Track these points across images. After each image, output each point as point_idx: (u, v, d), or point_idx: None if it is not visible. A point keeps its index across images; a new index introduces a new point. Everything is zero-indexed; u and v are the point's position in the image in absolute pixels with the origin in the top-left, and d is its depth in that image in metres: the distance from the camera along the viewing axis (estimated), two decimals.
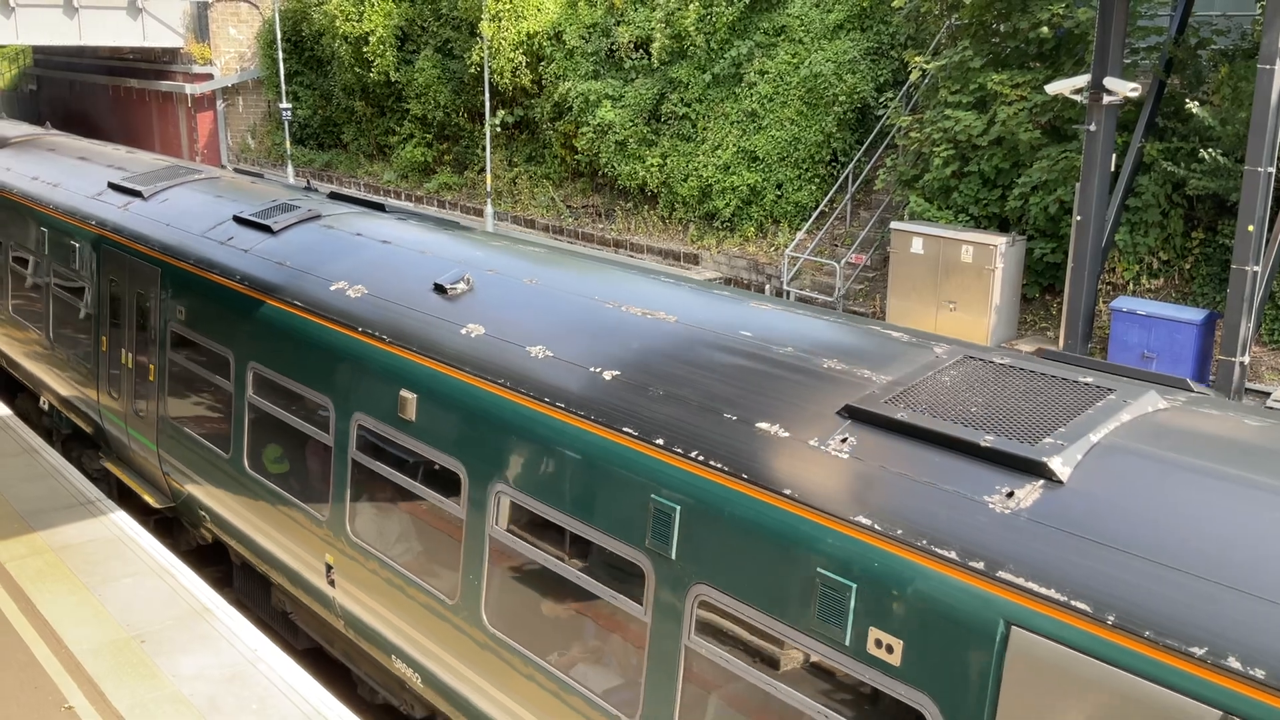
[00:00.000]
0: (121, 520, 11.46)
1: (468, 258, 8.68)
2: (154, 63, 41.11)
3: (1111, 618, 4.22)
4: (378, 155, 35.49)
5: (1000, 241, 17.88)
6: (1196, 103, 16.44)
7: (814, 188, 23.49)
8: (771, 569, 5.24)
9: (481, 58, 29.07)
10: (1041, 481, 4.80)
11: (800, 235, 22.68)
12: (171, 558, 10.68)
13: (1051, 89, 16.41)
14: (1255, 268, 14.68)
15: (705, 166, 24.72)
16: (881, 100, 22.58)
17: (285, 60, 35.80)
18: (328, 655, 9.73)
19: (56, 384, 13.66)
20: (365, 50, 33.05)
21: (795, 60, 23.97)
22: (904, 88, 22.12)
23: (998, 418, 5.19)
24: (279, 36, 35.42)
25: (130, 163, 14.46)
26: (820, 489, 5.22)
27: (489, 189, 29.23)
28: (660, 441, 5.92)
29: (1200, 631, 4.02)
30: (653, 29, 25.91)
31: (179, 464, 10.91)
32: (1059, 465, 4.81)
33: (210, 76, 39.05)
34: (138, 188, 12.58)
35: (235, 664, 8.53)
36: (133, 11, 38.03)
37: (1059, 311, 17.61)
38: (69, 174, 14.16)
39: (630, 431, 6.07)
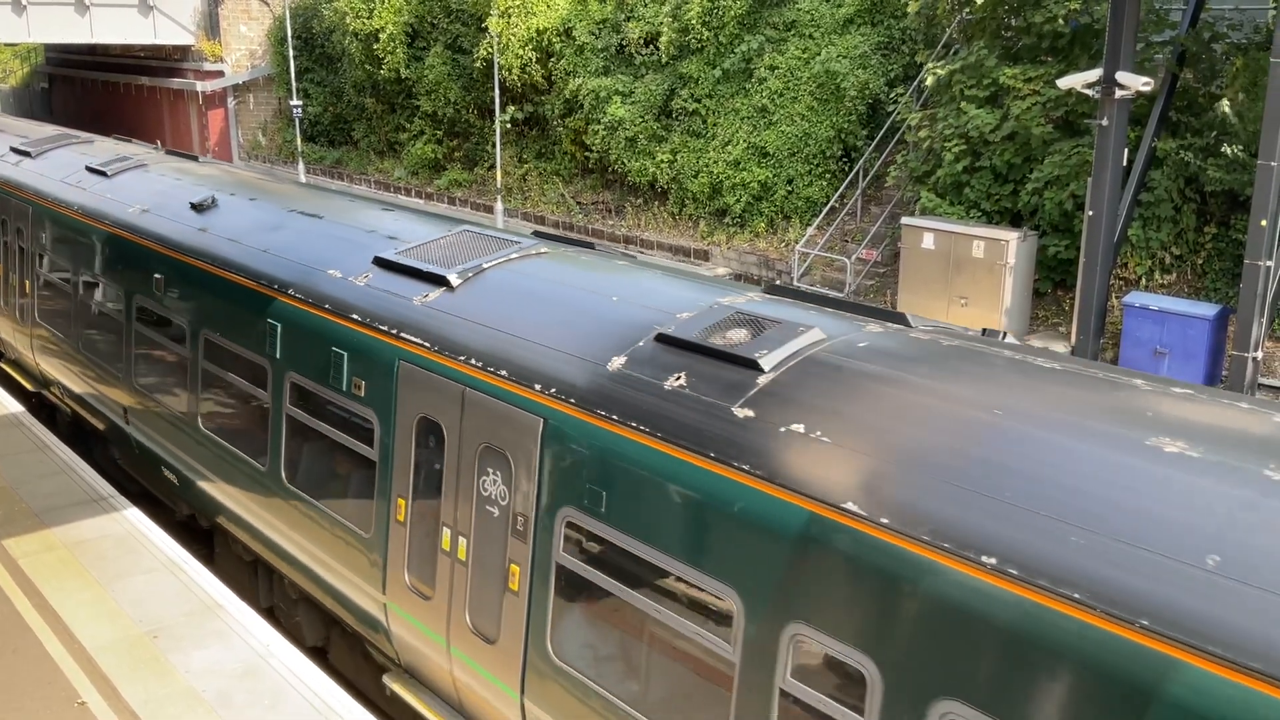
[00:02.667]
0: (134, 516, 11.48)
1: (221, 184, 12.14)
2: (165, 60, 41.28)
3: (437, 347, 7.52)
4: (388, 152, 35.54)
5: (1012, 237, 17.81)
6: (1225, 100, 16.26)
7: (825, 183, 23.45)
8: (321, 353, 8.63)
9: (490, 54, 29.06)
10: (442, 289, 8.06)
11: (811, 231, 22.63)
12: (184, 553, 10.67)
13: (1064, 83, 16.33)
14: (1268, 263, 14.63)
15: (716, 162, 24.68)
16: (893, 95, 22.51)
17: (296, 57, 35.86)
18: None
19: None
20: (375, 47, 33.09)
21: (806, 55, 23.92)
22: (915, 82, 22.03)
23: (449, 261, 8.40)
24: (289, 33, 35.46)
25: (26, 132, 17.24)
26: (349, 305, 8.54)
27: (499, 185, 29.24)
28: (276, 286, 9.32)
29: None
30: (661, 24, 25.85)
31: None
32: (454, 278, 8.07)
33: (221, 74, 39.23)
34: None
35: (247, 659, 8.54)
36: (144, 9, 38.24)
37: (1071, 307, 17.52)
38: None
39: (257, 279, 9.59)
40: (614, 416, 6.15)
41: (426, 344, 7.66)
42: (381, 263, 8.72)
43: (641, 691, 5.90)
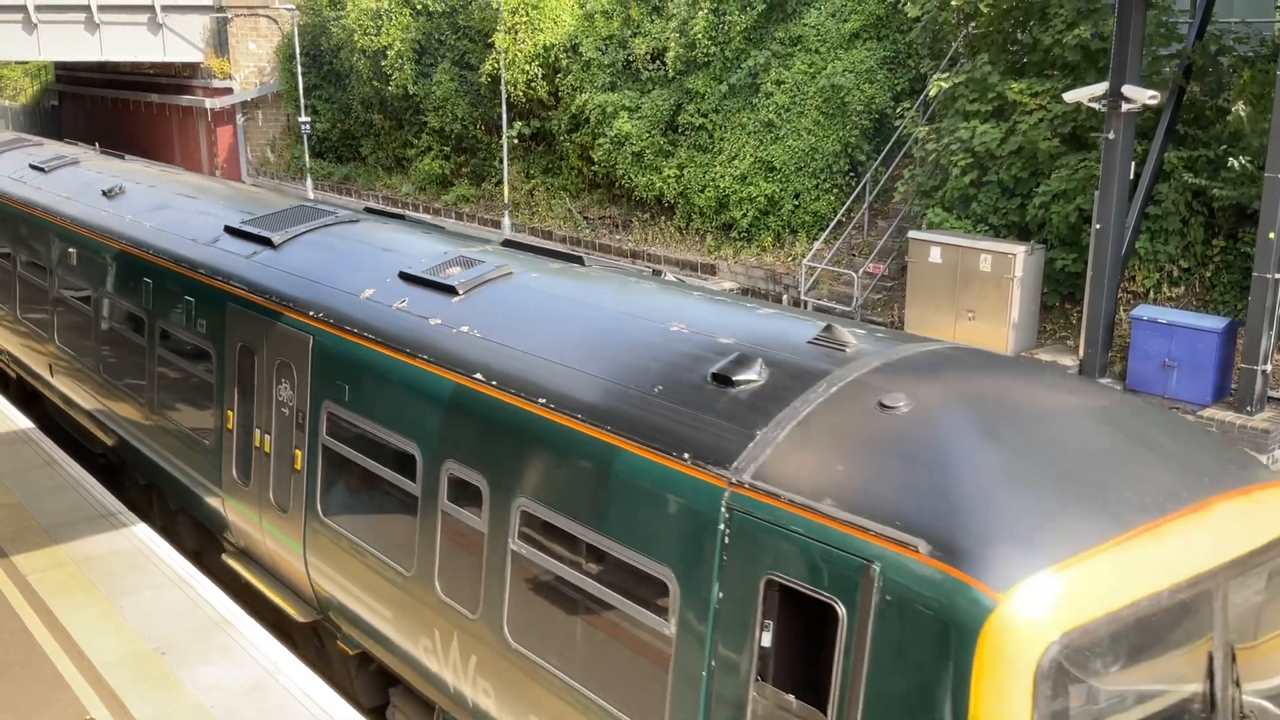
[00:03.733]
0: (143, 533, 11.50)
1: (132, 177, 14.20)
2: (174, 77, 41.59)
3: (254, 290, 9.72)
4: (396, 168, 35.69)
5: (1019, 250, 17.81)
6: (1242, 105, 16.24)
7: (832, 198, 23.48)
8: (180, 303, 10.85)
9: (497, 70, 29.17)
10: (267, 248, 10.20)
11: (818, 245, 22.64)
12: (191, 569, 10.70)
13: (1070, 97, 16.37)
14: (1277, 275, 14.63)
15: (722, 177, 24.73)
16: (899, 110, 22.55)
17: (304, 74, 36.13)
18: None
19: None
20: (383, 64, 33.28)
21: (812, 70, 23.98)
22: (921, 96, 22.06)
23: (279, 227, 10.54)
24: (298, 51, 35.74)
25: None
26: (196, 262, 10.90)
27: (506, 201, 29.33)
28: (151, 252, 11.58)
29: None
30: (667, 39, 25.94)
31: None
32: (277, 239, 10.21)
33: (230, 91, 39.45)
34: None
35: (255, 675, 8.53)
36: (153, 27, 38.53)
37: (1079, 320, 17.52)
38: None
39: (140, 248, 11.81)
40: (356, 330, 8.51)
41: (246, 288, 9.90)
42: (229, 229, 11.02)
43: (374, 534, 8.21)
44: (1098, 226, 16.43)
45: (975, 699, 4.49)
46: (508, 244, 9.90)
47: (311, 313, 9.05)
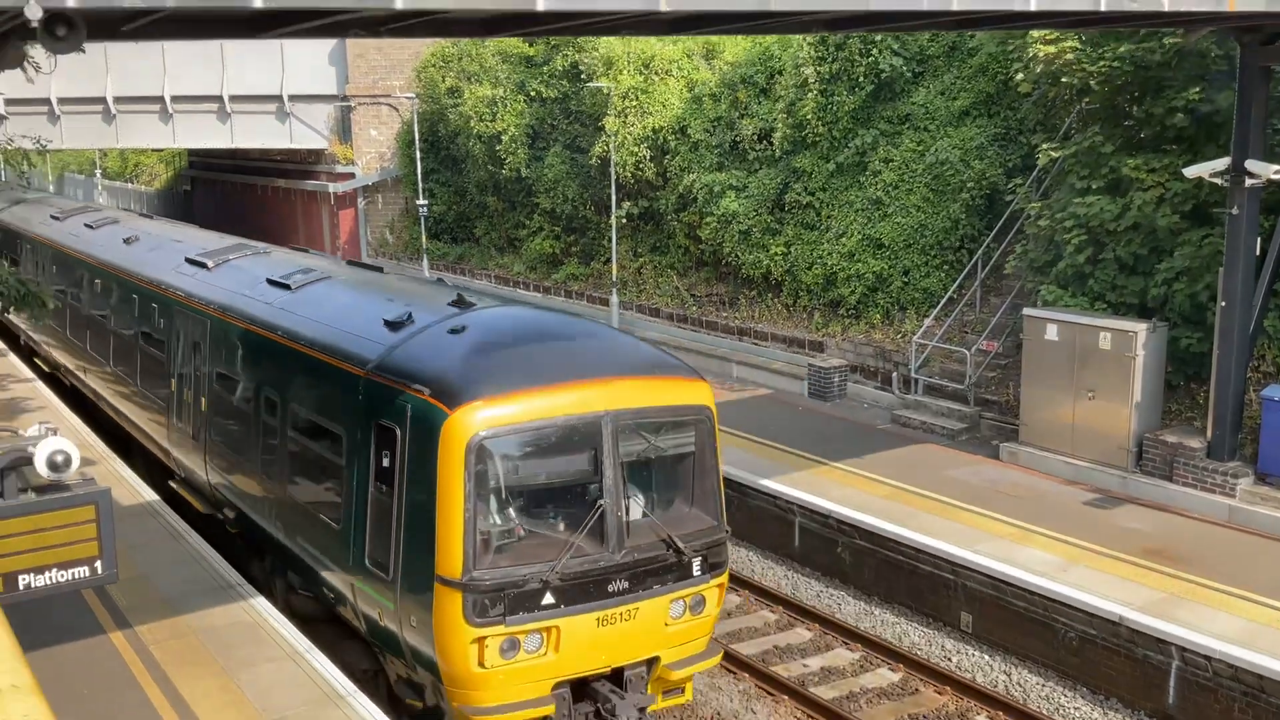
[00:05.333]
0: (261, 605, 11.71)
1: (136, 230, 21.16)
2: (300, 163, 43.26)
3: (191, 296, 15.59)
4: (508, 247, 36.38)
5: (1140, 328, 17.21)
6: None
7: (942, 274, 23.13)
8: (153, 313, 16.92)
9: (606, 152, 29.66)
10: (203, 269, 16.39)
11: (928, 322, 22.25)
12: (307, 643, 10.84)
13: (1190, 173, 15.92)
14: None
15: (830, 254, 24.61)
16: (1011, 185, 22.19)
17: (422, 159, 37.18)
18: None
19: None
20: (498, 148, 34.14)
21: (920, 147, 23.84)
22: (1034, 173, 21.69)
23: (216, 259, 16.43)
24: (417, 137, 36.89)
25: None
26: (167, 284, 16.79)
27: (614, 279, 29.57)
28: (150, 283, 17.24)
29: None
30: (775, 120, 26.11)
31: None
32: (210, 264, 16.24)
33: (352, 175, 40.81)
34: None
35: None
36: (281, 116, 40.32)
37: (1206, 400, 16.83)
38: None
39: (134, 276, 18.07)
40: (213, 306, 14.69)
41: (184, 294, 15.60)
42: (188, 260, 16.72)
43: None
44: (1223, 304, 15.89)
45: (441, 463, 9.36)
46: (350, 263, 16.50)
47: (206, 305, 15.27)
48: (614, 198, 29.53)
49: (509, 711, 9.43)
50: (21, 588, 5.25)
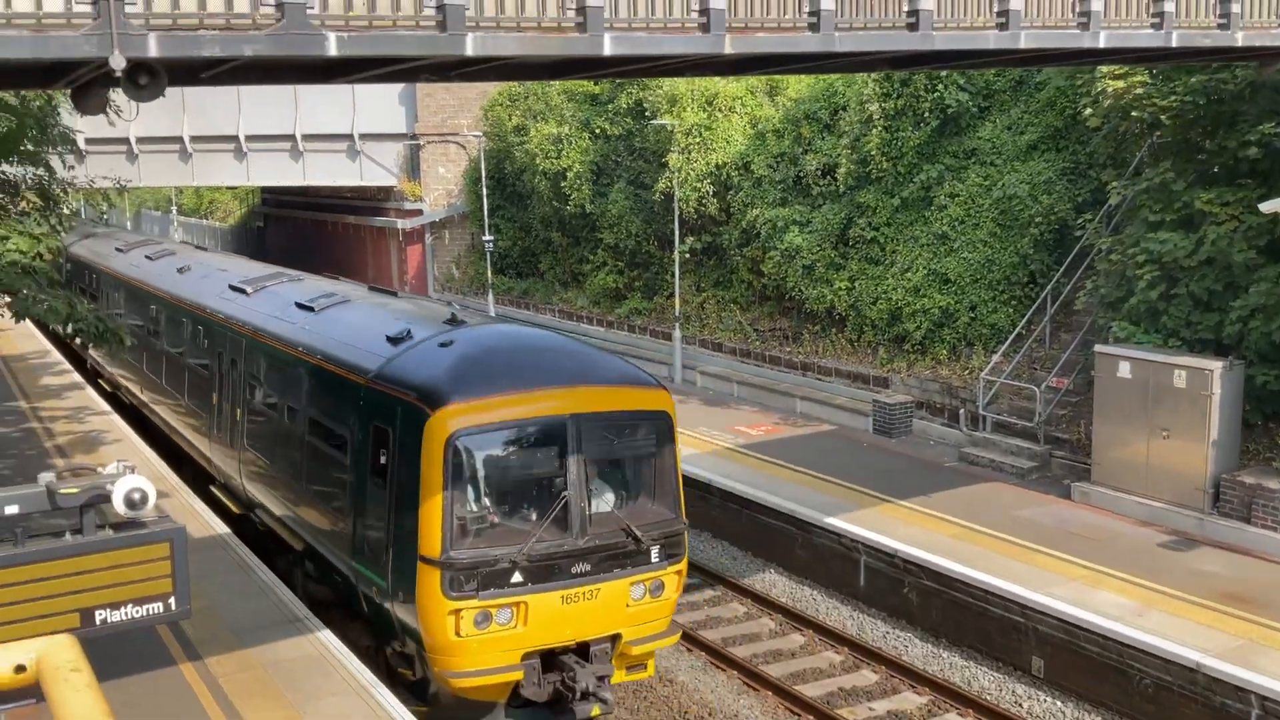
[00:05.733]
0: (327, 639, 11.79)
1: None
2: (370, 200, 43.94)
3: (233, 319, 17.83)
4: (572, 282, 36.59)
5: (1216, 366, 16.78)
6: None
7: (1010, 310, 22.79)
8: (201, 336, 19.10)
9: (670, 188, 29.77)
10: (243, 295, 18.57)
11: (996, 358, 21.89)
12: (371, 677, 10.92)
13: (1266, 208, 15.55)
14: None
15: (895, 289, 24.38)
16: (1080, 220, 21.83)
17: (489, 195, 37.59)
18: None
19: None
20: (563, 184, 34.41)
21: (987, 182, 23.58)
22: (1104, 207, 21.33)
23: (255, 283, 18.68)
24: (483, 174, 37.33)
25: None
26: (210, 308, 19.17)
27: (677, 313, 29.59)
28: (199, 307, 19.37)
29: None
30: (839, 155, 26.03)
31: None
32: (250, 290, 18.39)
33: (420, 212, 41.30)
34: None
35: None
36: (352, 154, 41.12)
37: None
38: None
39: (182, 300, 20.71)
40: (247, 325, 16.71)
41: (225, 317, 17.58)
42: (231, 287, 18.67)
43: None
44: None
45: (423, 457, 11.02)
46: (371, 289, 18.09)
47: (239, 326, 17.59)
48: (677, 232, 29.61)
49: (482, 676, 11.05)
50: (98, 623, 5.35)
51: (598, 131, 33.95)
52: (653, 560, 11.77)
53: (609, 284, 33.89)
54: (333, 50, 7.54)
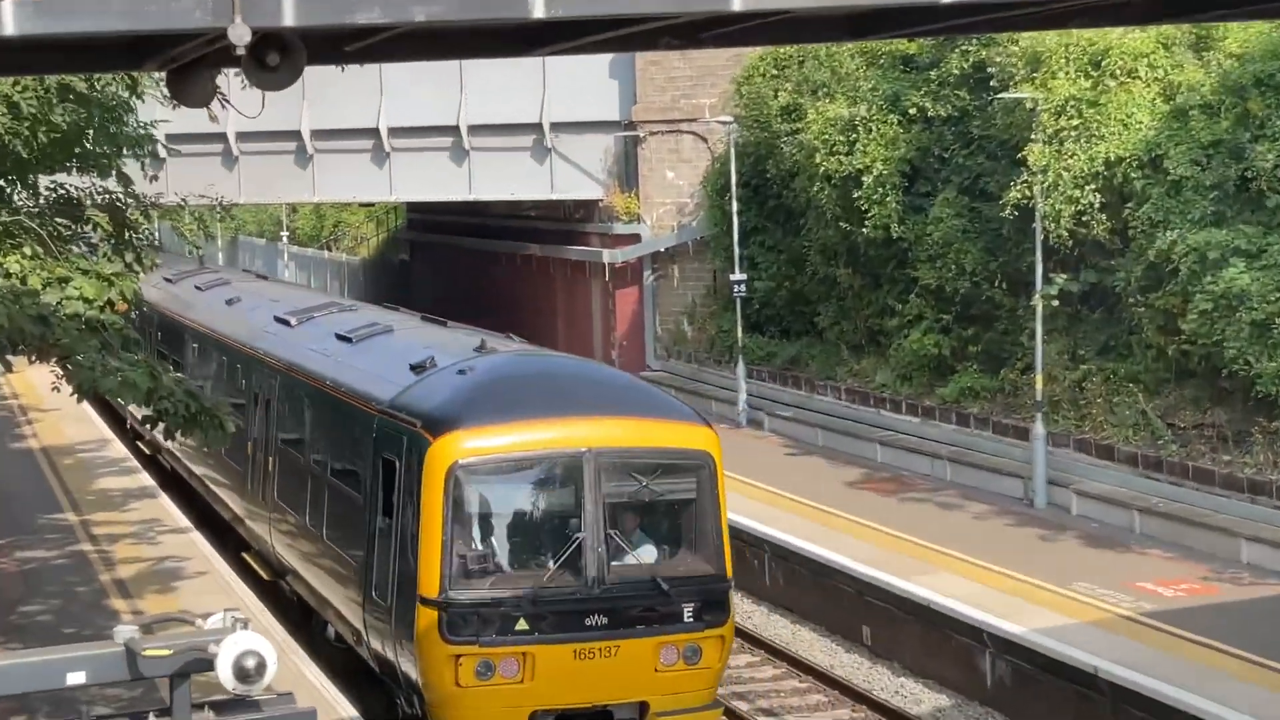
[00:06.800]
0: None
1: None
2: (563, 221, 45.46)
3: (271, 353, 24.36)
4: (867, 345, 36.42)
5: None
6: None
7: None
8: (238, 374, 26.33)
9: (1028, 198, 29.00)
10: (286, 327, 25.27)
11: None
12: None
13: None
14: None
15: None
16: None
17: (741, 213, 37.64)
18: None
19: None
20: (856, 195, 34.21)
21: None
22: None
23: (298, 314, 24.84)
24: (734, 180, 37.54)
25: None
26: (253, 345, 25.92)
27: (1039, 397, 28.81)
28: (246, 345, 25.77)
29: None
30: None
31: None
32: (294, 321, 24.33)
33: (637, 238, 42.06)
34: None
35: None
36: (539, 153, 42.43)
37: None
38: None
39: (226, 337, 27.81)
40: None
41: (263, 353, 23.20)
42: (276, 318, 23.84)
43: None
44: None
45: (424, 488, 15.00)
46: (425, 319, 23.11)
47: (275, 361, 23.07)
48: (1039, 268, 28.87)
49: None
50: None
51: (912, 112, 33.70)
52: (685, 620, 14.93)
53: (927, 348, 33.41)
54: (539, 10, 7.41)
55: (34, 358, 15.47)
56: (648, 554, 15.33)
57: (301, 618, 19.62)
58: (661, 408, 16.50)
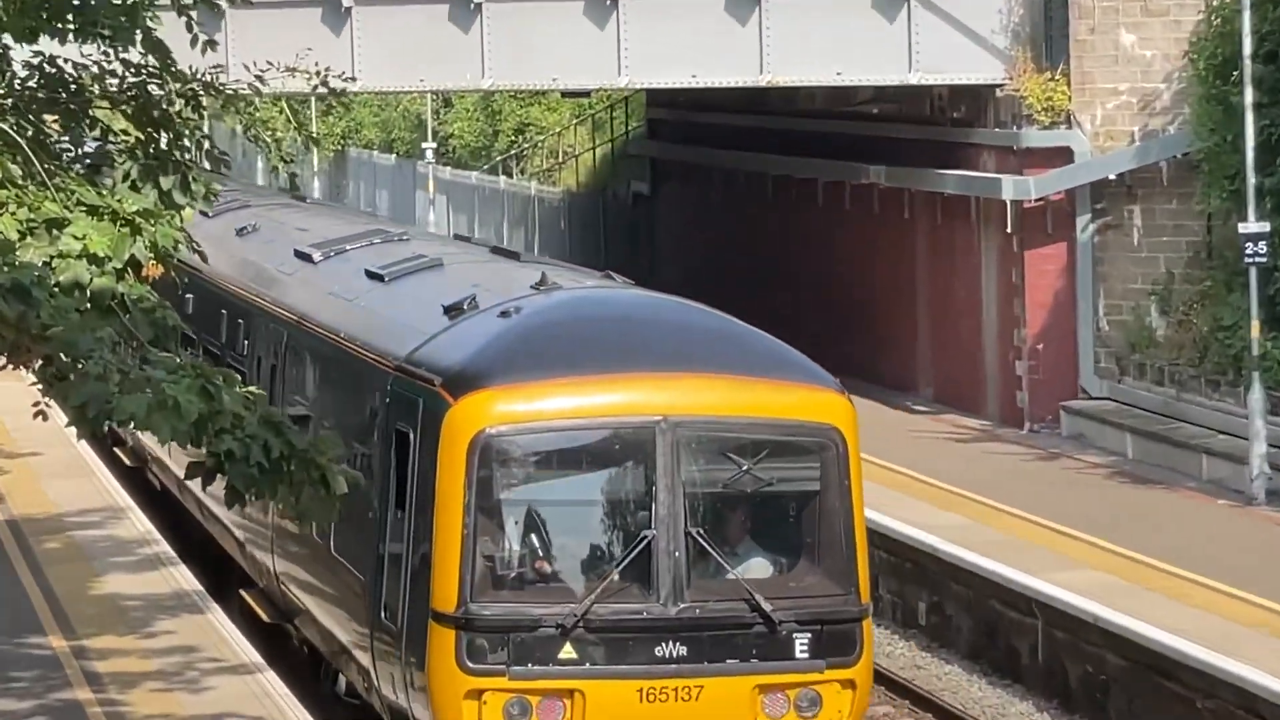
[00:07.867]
0: None
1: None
2: (926, 123, 46.92)
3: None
4: None
5: None
6: None
7: None
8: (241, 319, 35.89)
9: None
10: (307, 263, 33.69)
11: None
12: None
13: None
14: None
15: None
16: None
17: (1265, 107, 37.06)
18: None
19: None
20: None
21: None
22: None
23: (324, 248, 33.09)
24: (1246, 47, 35.47)
25: None
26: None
27: None
28: (241, 286, 36.26)
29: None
30: None
31: None
32: (317, 256, 32.13)
33: (1067, 154, 42.39)
34: None
35: None
36: (885, 6, 42.49)
37: None
38: None
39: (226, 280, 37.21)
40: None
41: (270, 301, 30.74)
42: (297, 253, 30.62)
43: None
44: None
45: (440, 466, 18.24)
46: (494, 250, 31.52)
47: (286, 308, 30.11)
48: None
49: None
50: None
51: None
52: (796, 655, 16.71)
53: None
54: None
55: (3, 359, 14.70)
56: (746, 563, 17.05)
57: (312, 669, 22.44)
58: (771, 362, 18.25)
